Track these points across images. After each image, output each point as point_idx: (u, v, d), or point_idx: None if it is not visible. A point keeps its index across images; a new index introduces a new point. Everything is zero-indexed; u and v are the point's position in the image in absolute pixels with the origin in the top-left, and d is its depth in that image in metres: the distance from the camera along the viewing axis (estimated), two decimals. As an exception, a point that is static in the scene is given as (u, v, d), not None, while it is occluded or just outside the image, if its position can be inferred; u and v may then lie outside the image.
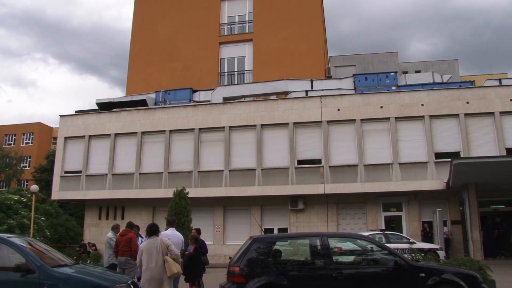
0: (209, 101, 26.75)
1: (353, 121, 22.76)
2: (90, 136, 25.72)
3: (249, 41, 31.73)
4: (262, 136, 23.43)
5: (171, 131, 24.58)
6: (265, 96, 26.72)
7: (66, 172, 25.81)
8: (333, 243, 8.22)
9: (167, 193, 21.37)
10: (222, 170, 23.37)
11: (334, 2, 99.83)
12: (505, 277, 12.40)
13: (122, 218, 24.13)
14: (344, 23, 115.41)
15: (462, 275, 7.59)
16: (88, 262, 17.06)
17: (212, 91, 27.61)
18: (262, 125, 23.50)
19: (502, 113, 22.10)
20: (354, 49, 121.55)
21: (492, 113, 22.21)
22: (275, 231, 22.56)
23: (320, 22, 32.23)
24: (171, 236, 9.56)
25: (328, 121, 22.88)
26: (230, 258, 8.65)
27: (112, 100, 28.21)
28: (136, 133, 24.95)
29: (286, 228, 22.82)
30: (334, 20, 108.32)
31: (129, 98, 28.28)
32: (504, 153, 21.41)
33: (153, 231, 7.85)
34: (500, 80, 27.40)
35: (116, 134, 25.30)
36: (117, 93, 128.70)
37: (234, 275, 7.55)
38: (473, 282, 7.47)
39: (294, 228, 22.55)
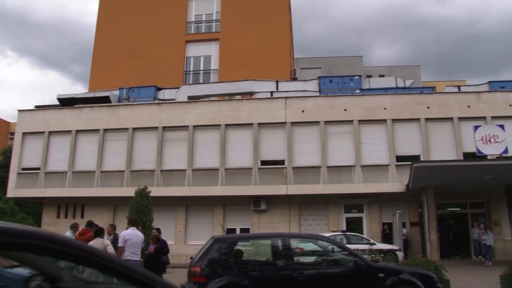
0: (173, 99, 26.52)
1: (317, 123, 22.98)
2: (50, 132, 25.03)
3: (216, 40, 31.62)
4: (226, 136, 23.39)
5: (134, 129, 24.22)
6: (230, 96, 26.70)
7: (23, 169, 25.03)
8: (295, 243, 8.28)
9: (129, 191, 21.01)
10: (185, 170, 23.19)
11: (302, 5, 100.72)
12: (458, 276, 12.84)
13: (82, 217, 23.59)
14: (311, 26, 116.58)
15: (419, 275, 7.77)
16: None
17: (177, 89, 27.37)
18: (226, 125, 23.46)
19: (460, 118, 22.78)
20: (320, 52, 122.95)
21: (451, 119, 22.86)
22: (237, 232, 22.52)
23: (287, 24, 32.44)
24: (132, 235, 9.43)
25: (292, 123, 23.04)
26: (191, 258, 8.58)
27: (74, 96, 27.61)
28: (98, 130, 24.45)
29: (249, 229, 22.83)
30: (302, 22, 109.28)
31: (92, 94, 27.73)
32: (462, 158, 22.05)
33: (98, 233, 8.53)
34: (459, 87, 28.26)
35: (77, 131, 24.72)
36: (79, 89, 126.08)
37: (195, 275, 7.49)
38: (429, 281, 7.65)
39: (257, 228, 22.58)
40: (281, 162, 22.85)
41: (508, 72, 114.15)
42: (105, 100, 26.74)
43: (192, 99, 26.06)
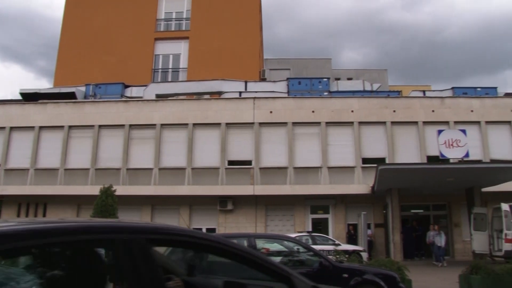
0: (141, 97, 26.16)
1: (285, 124, 23.11)
2: (11, 128, 24.31)
3: (185, 38, 31.40)
4: (194, 136, 23.25)
5: (100, 126, 23.79)
6: (198, 95, 26.54)
7: (-18, 165, 24.27)
8: (261, 244, 8.29)
9: (93, 190, 20.51)
10: (152, 169, 22.94)
11: (273, 6, 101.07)
12: (420, 276, 13.21)
13: (44, 215, 23.02)
14: (281, 27, 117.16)
15: (382, 275, 7.90)
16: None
17: (145, 87, 27.03)
18: (194, 124, 23.32)
19: (425, 122, 23.31)
20: (290, 53, 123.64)
21: (416, 122, 23.37)
22: (203, 231, 22.44)
23: (258, 25, 32.51)
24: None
25: (260, 123, 23.10)
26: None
27: (38, 91, 26.90)
28: (62, 126, 23.90)
29: (215, 229, 22.72)
30: (272, 23, 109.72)
31: (57, 90, 27.09)
32: (426, 161, 22.57)
33: None
34: (424, 92, 28.89)
35: (41, 127, 24.10)
36: (44, 84, 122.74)
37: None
38: (392, 281, 7.79)
39: (223, 228, 22.53)
40: (248, 162, 22.89)
41: (470, 79, 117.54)
42: (71, 96, 26.18)
43: (160, 97, 25.79)
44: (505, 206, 17.55)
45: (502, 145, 23.58)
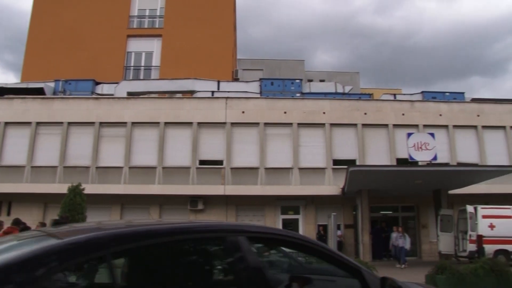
0: (112, 94, 25.82)
1: (257, 124, 23.13)
2: (-24, 124, 23.63)
3: (159, 36, 31.11)
4: (165, 134, 23.04)
5: (69, 123, 23.31)
6: (170, 94, 26.34)
7: None
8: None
9: (61, 188, 20.15)
10: (122, 167, 22.63)
11: (247, 6, 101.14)
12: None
13: (8, 214, 22.34)
14: (255, 28, 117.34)
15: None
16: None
17: (116, 84, 26.67)
18: (166, 123, 23.10)
19: (395, 125, 23.69)
20: (263, 54, 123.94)
21: (387, 125, 23.74)
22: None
23: (232, 24, 32.47)
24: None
25: (232, 123, 23.06)
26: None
27: (4, 86, 26.22)
28: (30, 123, 23.34)
29: (185, 228, 22.57)
30: (246, 24, 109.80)
31: (24, 85, 26.45)
32: (395, 163, 22.93)
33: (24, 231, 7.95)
34: (395, 95, 29.41)
35: (6, 123, 23.46)
36: (10, 79, 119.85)
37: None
38: (359, 282, 7.84)
39: (193, 228, 22.38)
40: (220, 162, 22.81)
41: (439, 83, 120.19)
42: (39, 91, 25.59)
43: (132, 95, 25.49)
44: (470, 208, 17.98)
45: (468, 148, 24.17)
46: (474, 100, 27.60)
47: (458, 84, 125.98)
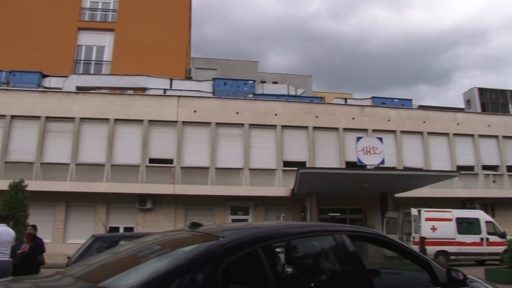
0: (60, 88, 24.97)
1: (208, 124, 23.00)
2: None
3: (111, 31, 30.37)
4: (115, 131, 22.51)
5: (13, 116, 22.32)
6: (122, 90, 25.79)
7: None
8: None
9: (2, 184, 19.29)
10: (69, 164, 21.91)
11: (203, 5, 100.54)
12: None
13: None
14: (210, 27, 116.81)
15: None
16: None
17: (65, 78, 25.83)
18: (116, 119, 22.58)
19: (345, 129, 24.16)
20: (217, 54, 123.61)
21: (337, 129, 24.16)
22: (121, 230, 21.78)
23: (187, 22, 32.15)
24: (1, 232, 8.66)
25: (184, 122, 22.83)
26: (68, 257, 8.03)
27: None
28: (-30, 115, 22.27)
29: (133, 228, 22.14)
30: (201, 23, 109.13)
31: (-35, 76, 25.24)
32: (344, 166, 23.38)
33: None
34: (346, 99, 30.01)
35: None
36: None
37: (71, 275, 7.02)
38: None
39: (141, 227, 21.98)
40: (170, 161, 22.52)
41: (389, 89, 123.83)
42: (-19, 83, 24.47)
43: (81, 89, 24.75)
44: (414, 211, 18.55)
45: (414, 154, 24.98)
46: (421, 107, 28.61)
47: (406, 91, 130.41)
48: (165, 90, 25.63)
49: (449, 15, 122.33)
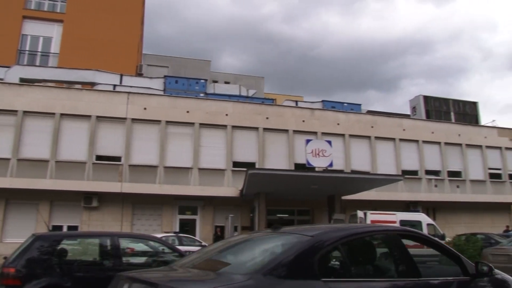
0: (2, 79, 23.86)
1: (158, 122, 22.63)
2: None
3: (59, 22, 29.31)
4: (61, 126, 21.67)
5: None
6: (69, 84, 24.95)
7: None
8: (125, 243, 7.95)
9: None
10: (9, 159, 20.89)
11: (156, 1, 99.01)
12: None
13: None
14: (163, 24, 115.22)
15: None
16: None
17: (7, 69, 24.70)
18: (62, 114, 21.75)
19: (295, 131, 24.42)
20: (170, 51, 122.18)
21: (287, 131, 24.38)
22: (64, 229, 21.02)
23: (139, 17, 31.54)
24: None
25: (133, 119, 22.33)
26: (5, 258, 7.65)
27: None
28: None
29: (77, 226, 21.43)
30: (154, 19, 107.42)
31: None
32: (293, 168, 23.61)
33: None
34: (296, 102, 30.38)
35: None
36: None
37: (8, 277, 6.65)
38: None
39: (86, 226, 21.33)
40: (118, 158, 21.97)
41: (339, 94, 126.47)
42: None
43: (25, 82, 23.72)
44: (360, 213, 18.95)
45: (362, 157, 25.60)
46: (369, 112, 29.35)
47: (355, 96, 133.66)
48: (114, 85, 25.05)
49: (398, 25, 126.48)
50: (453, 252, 4.28)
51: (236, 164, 23.26)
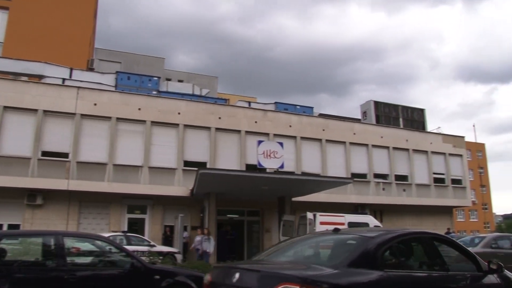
0: None
1: (109, 118, 22.10)
2: None
3: (5, 8, 28.01)
4: (4, 120, 20.67)
5: None
6: (15, 76, 23.91)
7: None
8: (70, 243, 7.71)
9: None
10: None
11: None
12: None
13: None
14: (116, 18, 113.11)
15: (194, 277, 7.97)
16: None
17: None
18: (5, 107, 20.75)
19: (247, 132, 24.47)
20: (123, 47, 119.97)
21: (239, 131, 24.40)
22: (5, 228, 20.15)
23: (92, 10, 30.70)
24: None
25: (82, 115, 21.68)
26: None
27: None
28: None
29: (19, 225, 20.57)
30: (107, 12, 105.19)
31: None
32: (245, 168, 23.65)
33: None
34: (249, 103, 30.49)
35: None
36: None
37: None
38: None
39: (29, 225, 20.49)
40: (65, 155, 21.26)
41: (292, 96, 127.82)
42: None
43: (-34, 72, 22.61)
44: (310, 215, 19.15)
45: (312, 159, 25.97)
46: (321, 116, 29.80)
47: (308, 99, 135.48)
48: (64, 79, 24.27)
49: (351, 31, 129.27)
50: (470, 252, 5.31)
51: (187, 163, 23.06)
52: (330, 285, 3.85)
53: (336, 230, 5.25)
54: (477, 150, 62.90)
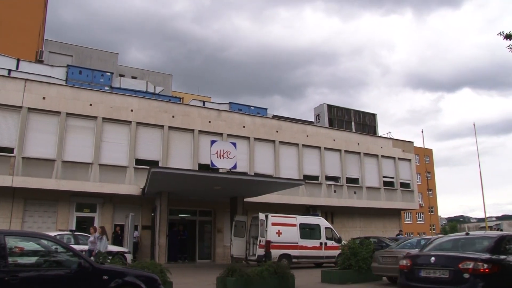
0: None
1: (58, 113, 21.37)
2: None
3: None
4: None
5: None
6: (-44, 66, 22.81)
7: None
8: (13, 242, 7.37)
9: None
10: None
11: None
12: (182, 278, 13.75)
13: None
14: (67, 10, 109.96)
15: (144, 277, 7.81)
16: None
17: None
18: None
19: (200, 131, 24.33)
20: (74, 40, 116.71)
21: (193, 130, 24.22)
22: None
23: (42, 0, 29.65)
24: None
25: (29, 108, 20.83)
26: None
27: None
28: None
29: (-42, 222, 19.61)
30: (58, 4, 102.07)
31: None
32: (197, 168, 23.48)
33: None
34: (204, 102, 30.31)
35: None
36: None
37: None
38: (152, 284, 7.77)
39: (-31, 222, 19.59)
40: (10, 150, 20.34)
41: (246, 97, 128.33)
42: None
43: None
44: (262, 216, 19.26)
45: (265, 160, 26.11)
46: (275, 117, 30.00)
47: (262, 100, 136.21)
48: (10, 70, 23.30)
49: (305, 35, 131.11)
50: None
51: (139, 161, 22.66)
52: (487, 260, 7.36)
53: (467, 234, 8.96)
54: (425, 155, 64.99)
